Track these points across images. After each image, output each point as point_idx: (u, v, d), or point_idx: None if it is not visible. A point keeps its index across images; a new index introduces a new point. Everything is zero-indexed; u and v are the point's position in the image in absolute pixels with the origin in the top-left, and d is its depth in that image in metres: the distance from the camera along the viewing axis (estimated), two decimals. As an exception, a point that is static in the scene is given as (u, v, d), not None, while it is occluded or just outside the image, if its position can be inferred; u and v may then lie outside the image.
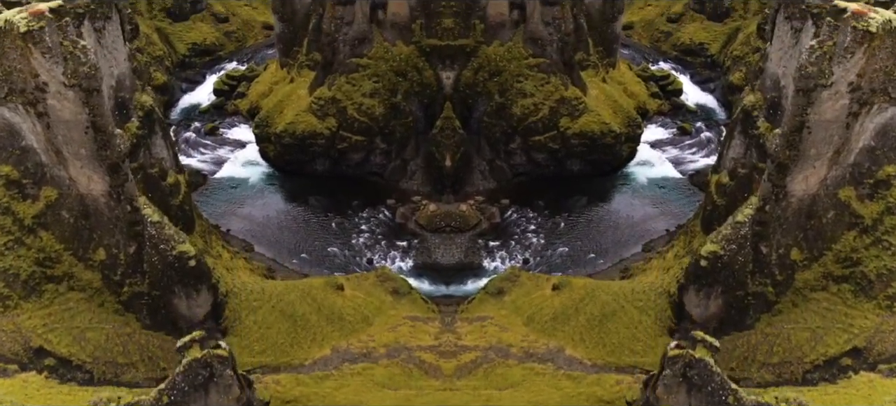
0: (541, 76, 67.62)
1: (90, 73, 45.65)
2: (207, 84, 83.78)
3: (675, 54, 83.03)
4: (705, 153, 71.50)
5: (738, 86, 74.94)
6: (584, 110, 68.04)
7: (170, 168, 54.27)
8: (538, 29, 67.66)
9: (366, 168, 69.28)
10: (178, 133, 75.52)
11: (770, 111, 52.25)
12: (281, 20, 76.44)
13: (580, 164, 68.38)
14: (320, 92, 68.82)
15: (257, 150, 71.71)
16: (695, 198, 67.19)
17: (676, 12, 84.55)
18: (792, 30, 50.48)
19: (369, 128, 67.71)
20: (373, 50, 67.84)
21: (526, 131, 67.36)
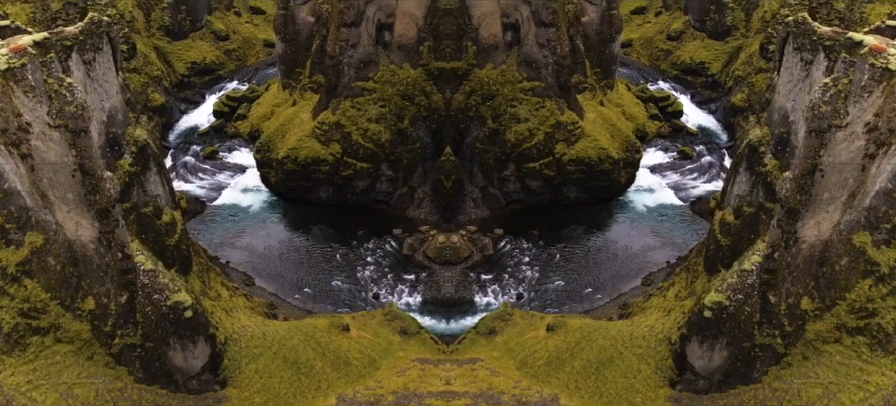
0: (535, 100, 61.65)
1: (77, 112, 39.65)
2: (207, 104, 77.25)
3: (675, 73, 76.59)
4: (707, 178, 65.46)
5: (740, 107, 68.82)
6: (580, 135, 62.10)
7: (165, 205, 48.35)
8: (533, 51, 61.72)
9: (371, 195, 62.84)
10: (176, 157, 69.18)
11: (778, 147, 46.29)
12: (283, 41, 69.78)
13: (577, 191, 62.43)
14: (324, 116, 62.34)
15: (258, 176, 65.22)
16: (696, 226, 61.28)
17: (676, 30, 78.20)
18: (802, 61, 44.49)
19: (375, 154, 61.31)
20: (379, 73, 61.47)
21: (520, 158, 61.39)
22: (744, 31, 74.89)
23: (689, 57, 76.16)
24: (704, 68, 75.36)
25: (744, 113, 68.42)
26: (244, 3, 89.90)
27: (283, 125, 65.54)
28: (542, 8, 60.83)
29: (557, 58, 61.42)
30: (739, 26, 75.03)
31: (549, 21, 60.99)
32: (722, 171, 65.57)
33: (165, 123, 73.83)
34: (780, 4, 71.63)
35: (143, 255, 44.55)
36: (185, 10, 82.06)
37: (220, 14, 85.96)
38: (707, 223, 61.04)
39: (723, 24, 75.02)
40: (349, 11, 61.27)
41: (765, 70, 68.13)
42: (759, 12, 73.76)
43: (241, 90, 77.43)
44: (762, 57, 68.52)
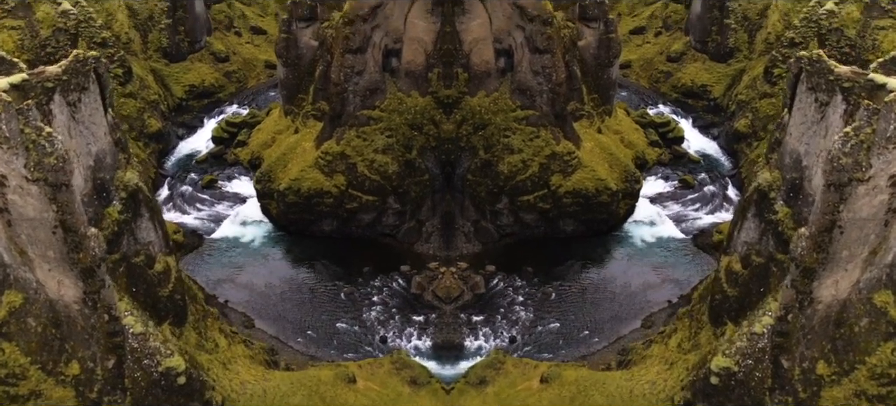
0: (530, 130, 54.85)
1: (57, 165, 33.68)
2: (206, 129, 69.82)
3: (676, 96, 69.17)
4: (709, 209, 58.53)
5: (743, 133, 61.86)
6: (577, 166, 55.33)
7: (158, 252, 42.06)
8: (527, 78, 54.98)
9: (377, 229, 55.72)
10: (173, 186, 61.97)
11: (790, 194, 39.51)
12: (285, 65, 62.43)
13: (573, 224, 55.66)
14: (328, 146, 55.35)
15: (259, 207, 57.99)
16: (698, 261, 54.42)
17: (676, 51, 70.97)
18: (816, 102, 37.69)
19: (382, 187, 54.31)
20: (386, 101, 54.46)
21: (514, 190, 54.63)
22: (747, 54, 67.78)
23: (690, 79, 69.09)
24: (706, 91, 68.26)
25: (747, 139, 61.50)
26: (245, 23, 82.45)
27: (284, 154, 58.50)
28: (536, 34, 54.08)
29: (553, 85, 54.69)
30: (742, 48, 67.89)
31: (544, 47, 54.23)
32: (725, 201, 58.72)
33: (162, 150, 66.72)
34: (785, 27, 64.65)
35: (132, 316, 38.39)
36: (183, 30, 74.97)
37: (220, 34, 78.76)
38: (710, 258, 54.28)
39: (725, 46, 67.95)
40: (354, 37, 54.46)
41: (769, 95, 61.18)
42: (762, 34, 66.72)
43: (240, 115, 69.96)
44: (766, 81, 61.55)
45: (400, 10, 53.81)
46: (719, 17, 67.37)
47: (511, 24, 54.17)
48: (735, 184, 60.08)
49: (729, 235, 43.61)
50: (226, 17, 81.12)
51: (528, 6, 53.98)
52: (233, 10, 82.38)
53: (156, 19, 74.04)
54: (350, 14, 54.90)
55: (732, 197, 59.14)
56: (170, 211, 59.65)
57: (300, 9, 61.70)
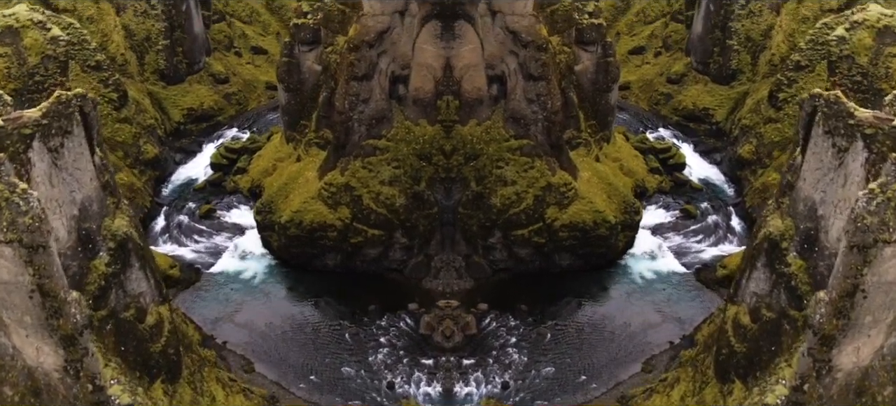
0: (524, 160, 48.86)
1: (33, 225, 29.17)
2: (204, 154, 63.00)
3: (677, 119, 62.70)
4: (712, 241, 52.32)
5: (747, 160, 55.66)
6: (574, 198, 49.31)
7: (151, 302, 37.14)
8: (521, 106, 49.00)
9: (383, 264, 49.57)
10: (170, 216, 55.78)
11: (804, 245, 33.49)
12: (286, 90, 56.04)
13: (570, 259, 49.63)
14: (332, 177, 49.44)
15: (259, 239, 52.15)
16: (701, 297, 48.34)
17: (677, 73, 64.56)
18: (834, 148, 31.63)
19: (388, 221, 48.38)
20: (393, 130, 48.47)
21: (507, 224, 48.67)
22: (750, 76, 61.39)
23: (692, 102, 62.73)
24: (708, 115, 61.88)
25: (751, 166, 55.29)
26: (245, 43, 75.58)
27: (286, 184, 52.51)
28: (530, 60, 48.14)
29: (548, 113, 48.76)
30: (745, 70, 61.50)
31: (539, 74, 48.29)
32: (728, 232, 52.59)
33: (158, 177, 60.19)
34: (790, 48, 58.36)
35: (118, 385, 33.45)
36: (181, 51, 68.60)
37: (220, 55, 72.26)
38: (713, 294, 48.29)
39: (727, 68, 61.56)
40: (360, 64, 48.49)
41: (774, 120, 54.95)
42: (766, 55, 60.41)
43: (240, 140, 63.37)
44: (771, 105, 55.30)
45: (408, 35, 47.87)
46: (721, 38, 61.10)
47: (504, 49, 48.25)
48: (739, 213, 53.95)
49: (736, 283, 37.66)
50: (225, 37, 74.68)
51: (521, 31, 48.04)
52: (233, 29, 75.94)
53: (153, 40, 67.83)
54: (355, 39, 48.91)
55: (736, 227, 53.02)
56: (166, 243, 53.69)
57: (303, 32, 55.19)
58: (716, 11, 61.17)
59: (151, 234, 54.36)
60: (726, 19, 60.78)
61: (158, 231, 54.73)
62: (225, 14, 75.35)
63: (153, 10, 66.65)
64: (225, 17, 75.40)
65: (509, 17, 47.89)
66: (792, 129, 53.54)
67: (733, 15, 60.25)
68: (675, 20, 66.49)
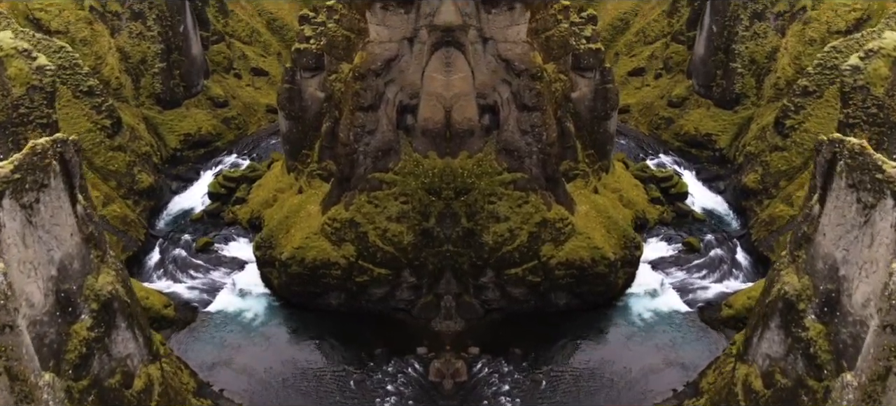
0: (518, 195, 43.34)
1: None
2: (202, 182, 57.46)
3: (678, 145, 56.98)
4: (716, 277, 46.62)
5: (752, 189, 49.94)
6: (570, 233, 43.77)
7: (139, 363, 32.50)
8: (514, 138, 43.50)
9: (390, 304, 44.05)
10: (165, 249, 50.26)
11: (825, 309, 27.89)
12: (287, 118, 50.48)
13: (566, 298, 44.11)
14: (335, 211, 43.94)
15: (258, 275, 46.63)
16: (705, 339, 42.63)
17: (678, 96, 58.62)
18: (859, 204, 25.96)
19: (395, 259, 42.91)
20: (400, 163, 43.03)
21: (500, 263, 43.18)
22: (755, 100, 55.55)
23: (694, 127, 56.87)
24: (711, 141, 56.01)
25: (757, 196, 49.53)
26: (245, 65, 69.59)
27: (287, 218, 46.96)
28: (524, 89, 42.64)
29: (543, 145, 43.23)
30: (749, 94, 55.64)
31: (533, 104, 42.78)
32: (734, 266, 46.93)
33: (154, 207, 54.50)
34: (796, 72, 52.56)
35: None
36: (178, 74, 63.09)
37: (219, 77, 66.51)
38: (718, 335, 42.70)
39: (731, 92, 55.72)
40: (366, 93, 42.96)
41: (780, 148, 49.17)
42: (771, 78, 54.59)
43: (239, 168, 57.63)
44: (777, 132, 49.52)
45: (417, 63, 42.40)
46: (725, 61, 55.31)
47: (496, 78, 42.73)
48: (744, 246, 48.26)
49: (746, 340, 32.09)
50: (225, 58, 68.92)
51: (514, 59, 42.54)
52: (232, 50, 70.09)
53: (149, 63, 62.35)
54: (361, 68, 43.36)
55: (742, 262, 47.34)
56: (161, 278, 48.22)
57: (305, 57, 49.55)
58: (719, 33, 55.41)
59: (145, 268, 49.00)
60: (730, 41, 55.00)
61: (153, 266, 49.34)
62: (224, 34, 69.54)
63: (149, 31, 61.23)
64: (224, 37, 69.57)
65: (501, 44, 42.40)
66: (800, 158, 47.88)
67: (737, 36, 54.45)
68: (676, 41, 60.61)
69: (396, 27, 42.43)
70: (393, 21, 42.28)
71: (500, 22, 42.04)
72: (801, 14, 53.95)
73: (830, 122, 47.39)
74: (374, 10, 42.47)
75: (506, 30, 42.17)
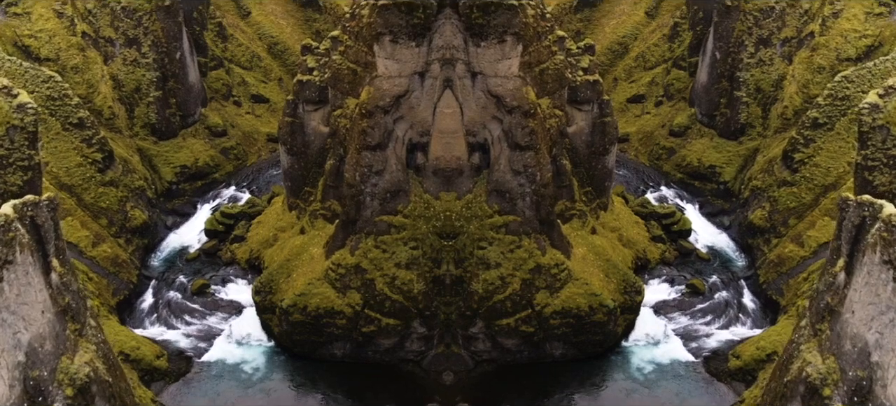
0: (510, 239, 38.01)
1: None
2: (199, 216, 51.91)
3: (680, 176, 51.33)
4: (723, 323, 41.05)
5: (759, 227, 44.37)
6: (566, 279, 38.42)
7: None
8: (506, 179, 38.24)
9: (399, 355, 38.80)
10: (158, 291, 45.03)
11: (854, 398, 22.56)
12: (289, 153, 45.09)
13: (562, 348, 38.71)
14: (340, 256, 38.83)
15: (258, 321, 41.48)
16: (711, 392, 37.11)
17: (680, 125, 52.77)
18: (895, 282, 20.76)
19: (405, 309, 37.78)
20: (410, 205, 38.18)
21: (491, 313, 37.86)
22: (761, 131, 49.95)
23: (697, 158, 51.23)
24: (715, 173, 50.38)
25: (764, 234, 44.02)
26: (245, 91, 63.59)
27: (289, 261, 41.79)
28: (516, 127, 37.45)
29: (537, 186, 38.00)
30: (755, 124, 50.03)
31: (526, 143, 37.56)
32: (741, 311, 41.52)
33: (147, 245, 49.02)
34: (804, 101, 47.06)
35: None
36: (174, 103, 57.65)
37: (217, 105, 60.81)
38: (724, 388, 37.42)
39: (736, 122, 50.13)
40: (374, 132, 37.91)
41: (789, 183, 43.70)
42: (777, 108, 49.02)
43: (238, 204, 51.85)
44: (785, 166, 44.05)
45: (428, 99, 37.54)
46: (729, 89, 49.80)
47: (486, 114, 37.62)
48: (751, 288, 42.85)
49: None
50: (224, 85, 63.15)
51: (505, 95, 37.38)
52: (232, 76, 64.22)
53: (144, 91, 56.97)
54: (368, 104, 38.24)
55: (749, 306, 41.94)
56: (154, 324, 42.99)
57: (308, 90, 43.91)
58: (722, 59, 49.93)
59: (137, 313, 43.80)
60: (734, 68, 49.52)
61: (145, 310, 44.07)
62: (223, 59, 63.65)
63: (144, 58, 55.95)
64: (223, 63, 63.68)
65: (492, 79, 37.25)
66: (810, 194, 42.49)
67: (741, 63, 49.00)
68: (678, 67, 54.89)
69: (406, 61, 37.49)
70: (403, 55, 37.28)
71: (490, 55, 36.89)
72: (809, 40, 48.48)
73: (842, 157, 42.09)
74: (382, 43, 37.40)
75: (496, 64, 37.05)
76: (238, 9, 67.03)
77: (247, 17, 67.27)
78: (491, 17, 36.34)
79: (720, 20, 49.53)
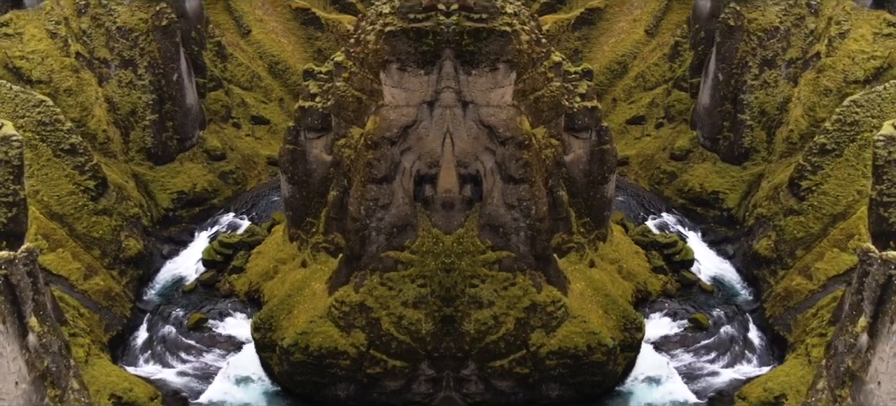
0: (503, 276, 34.65)
1: None
2: (196, 245, 48.35)
3: (682, 202, 47.50)
4: (727, 360, 37.53)
5: (765, 257, 40.86)
6: (563, 317, 35.05)
7: None
8: (499, 213, 34.90)
9: (406, 397, 35.52)
10: (153, 326, 41.67)
11: (881, 484, 19.09)
12: (290, 182, 41.61)
13: (559, 389, 35.16)
14: (344, 293, 35.61)
15: (257, 359, 38.16)
16: (716, 436, 34.25)
17: (682, 148, 49.08)
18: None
19: (412, 351, 34.56)
20: (418, 241, 34.96)
21: (483, 355, 34.59)
22: (765, 155, 46.37)
23: (699, 183, 47.62)
24: (718, 199, 46.66)
25: (770, 265, 40.54)
26: (245, 112, 59.41)
27: (290, 296, 38.39)
28: (509, 159, 34.17)
29: (532, 221, 34.70)
30: (760, 148, 46.40)
31: (520, 176, 34.26)
32: (746, 347, 38.09)
33: (142, 276, 45.49)
34: (810, 124, 43.61)
35: None
36: (171, 126, 54.04)
37: (216, 127, 56.93)
38: (730, 433, 33.86)
39: (739, 146, 46.54)
40: (380, 164, 34.62)
41: (796, 212, 40.23)
42: (783, 131, 45.47)
43: (237, 233, 48.04)
44: (792, 194, 40.60)
45: (438, 129, 34.32)
46: (732, 111, 46.26)
47: (478, 145, 34.38)
48: (757, 322, 39.43)
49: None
50: (223, 106, 59.43)
51: (498, 125, 34.11)
52: (231, 97, 60.52)
53: (139, 115, 53.52)
54: (374, 135, 34.88)
55: (755, 342, 38.55)
56: (148, 362, 39.74)
57: (310, 116, 40.13)
58: (726, 81, 46.43)
59: (131, 350, 40.55)
60: (737, 90, 46.02)
61: (139, 347, 40.75)
62: (222, 80, 59.98)
63: (140, 80, 52.57)
64: (222, 83, 59.96)
65: (484, 109, 34.01)
66: (818, 223, 39.10)
67: (745, 85, 45.52)
68: (679, 88, 51.16)
69: (415, 90, 34.18)
70: (411, 83, 34.00)
71: (482, 84, 33.64)
72: (815, 61, 45.01)
73: (851, 185, 38.69)
74: (389, 71, 34.15)
75: (488, 93, 33.79)
76: (238, 27, 63.47)
77: (247, 35, 63.65)
78: (482, 44, 33.11)
79: (723, 41, 46.08)
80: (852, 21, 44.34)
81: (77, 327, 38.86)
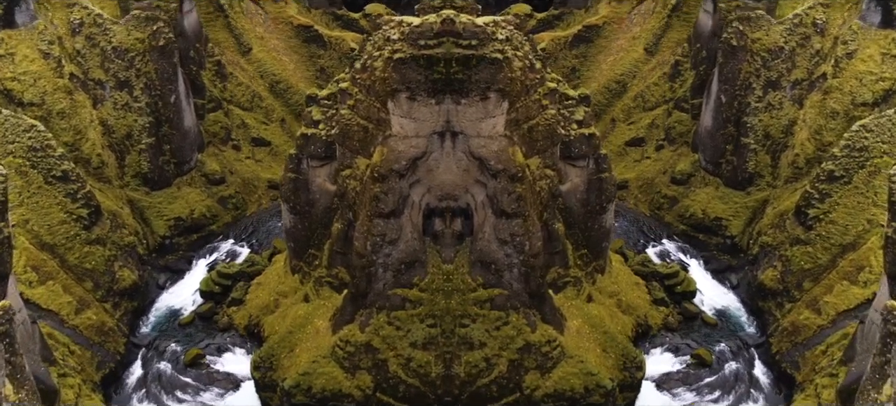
0: (495, 315, 31.70)
1: None
2: (194, 274, 45.29)
3: (683, 228, 44.51)
4: (732, 399, 34.24)
5: (771, 289, 37.67)
6: (559, 357, 32.03)
7: None
8: (491, 248, 31.92)
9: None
10: (148, 362, 38.72)
11: None
12: (292, 212, 38.64)
13: (556, 432, 32.59)
14: (349, 332, 32.91)
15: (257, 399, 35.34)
16: (721, 484, 31.10)
17: (683, 172, 46.03)
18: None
19: (421, 395, 31.83)
20: (427, 278, 32.27)
21: (474, 399, 31.69)
22: (770, 180, 43.18)
23: (701, 209, 44.37)
24: (721, 226, 43.52)
25: (776, 297, 37.35)
26: (245, 134, 55.91)
27: (291, 333, 35.52)
28: (502, 193, 31.18)
29: (526, 257, 31.72)
30: (764, 173, 43.23)
31: (513, 210, 31.28)
32: (752, 385, 34.96)
33: (137, 308, 42.45)
34: (817, 148, 40.39)
35: None
36: (169, 150, 50.86)
37: (215, 149, 53.71)
38: (736, 481, 30.66)
39: (743, 170, 43.34)
40: (387, 198, 31.87)
41: (803, 242, 37.03)
42: (788, 156, 42.28)
43: (236, 263, 44.84)
44: (799, 222, 37.41)
45: (447, 161, 31.52)
46: (735, 134, 43.10)
47: (468, 178, 31.35)
48: (763, 358, 36.24)
49: None
50: (222, 128, 56.18)
51: (490, 157, 31.14)
52: (231, 118, 57.35)
53: (135, 138, 50.55)
54: (382, 167, 32.02)
55: (760, 379, 35.39)
56: (142, 402, 36.85)
57: (313, 144, 37.05)
58: (728, 103, 43.25)
59: (125, 388, 37.59)
60: (741, 112, 42.84)
61: (133, 385, 37.76)
62: (222, 101, 56.85)
63: (136, 102, 49.53)
64: (222, 104, 56.79)
65: (474, 140, 31.01)
66: (826, 254, 35.92)
67: (749, 108, 42.34)
68: (680, 109, 47.95)
69: (425, 120, 31.23)
70: (421, 113, 31.00)
71: (472, 114, 30.67)
72: (821, 82, 41.82)
73: (861, 214, 35.54)
74: (398, 100, 31.16)
75: (479, 123, 30.84)
76: (238, 45, 60.15)
77: (247, 54, 60.41)
78: (472, 71, 30.11)
79: (725, 61, 42.91)
80: (859, 41, 41.10)
81: (67, 366, 35.96)
